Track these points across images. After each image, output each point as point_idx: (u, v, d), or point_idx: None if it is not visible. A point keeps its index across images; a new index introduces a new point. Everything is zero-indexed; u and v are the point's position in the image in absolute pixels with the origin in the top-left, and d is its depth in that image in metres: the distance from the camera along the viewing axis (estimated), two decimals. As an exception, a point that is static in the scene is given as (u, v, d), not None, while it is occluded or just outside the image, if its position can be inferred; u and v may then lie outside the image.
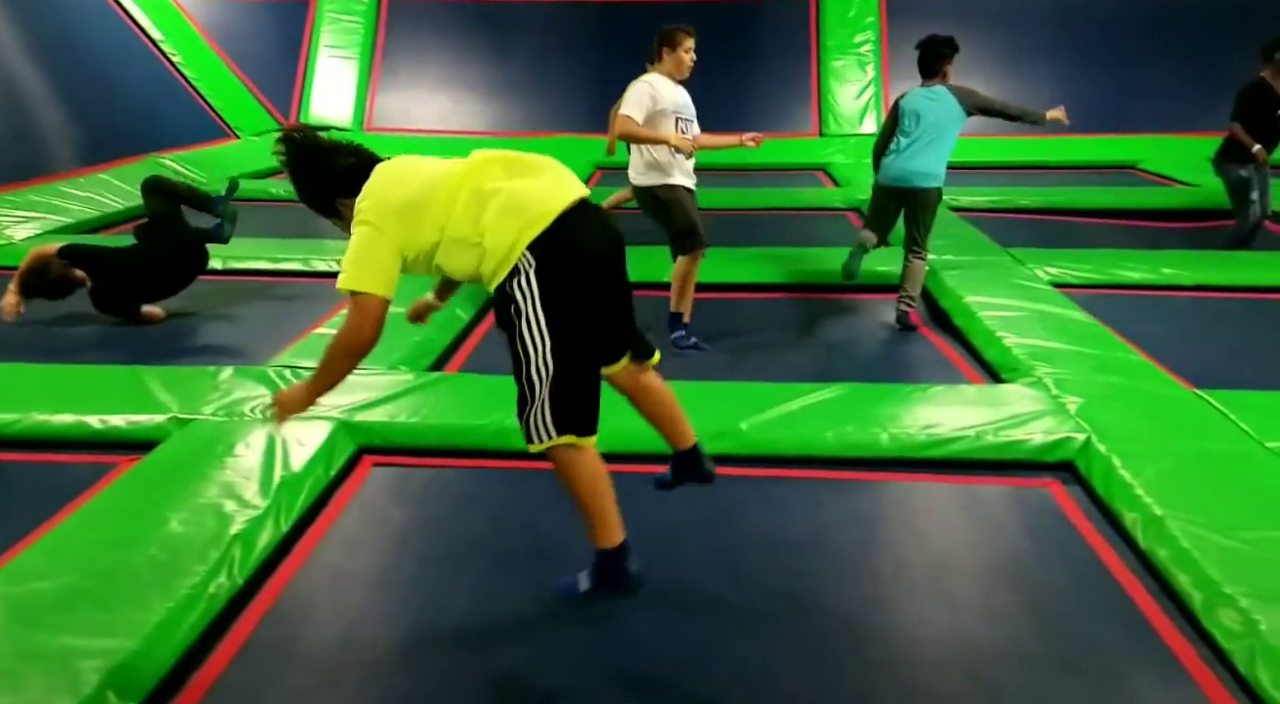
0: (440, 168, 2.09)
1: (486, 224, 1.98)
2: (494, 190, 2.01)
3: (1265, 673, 2.11)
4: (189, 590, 2.33)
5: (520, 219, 1.98)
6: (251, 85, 10.87)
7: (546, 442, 2.00)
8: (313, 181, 2.07)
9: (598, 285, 2.06)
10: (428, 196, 2.01)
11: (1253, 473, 2.91)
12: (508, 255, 1.98)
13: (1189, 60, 9.54)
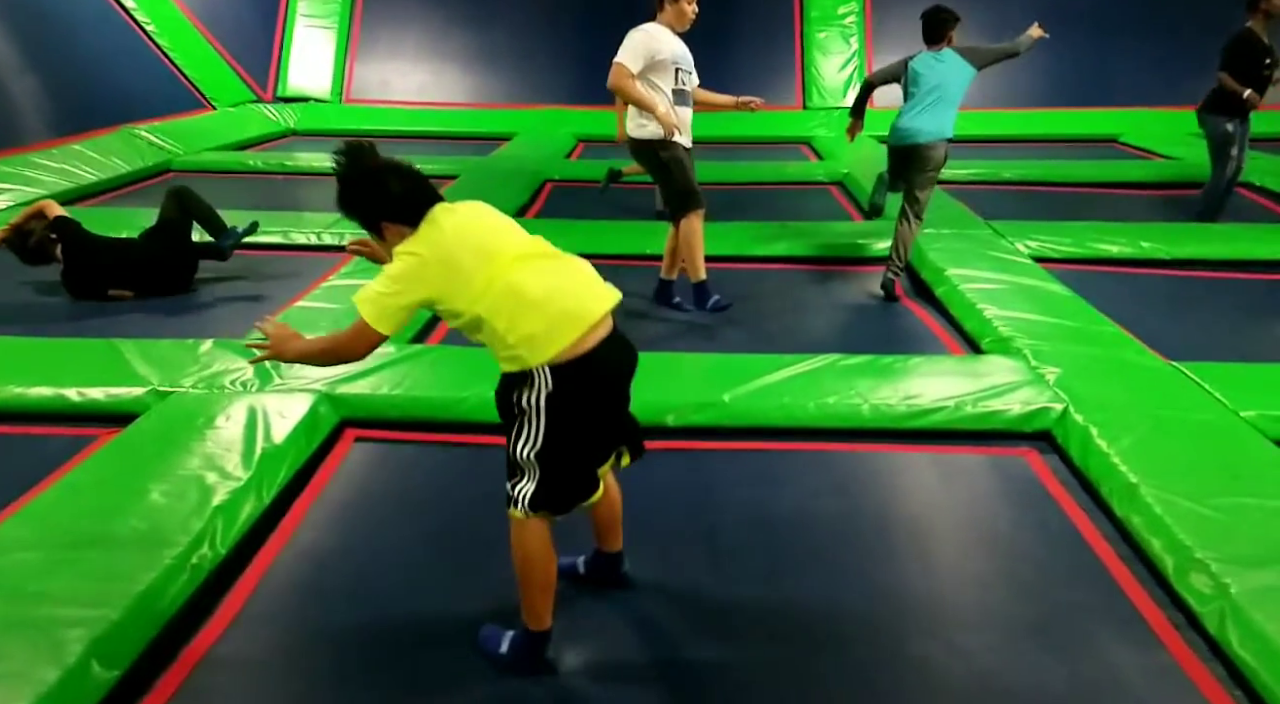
0: (494, 243, 2.01)
1: (518, 331, 1.94)
2: (533, 301, 1.95)
3: (1234, 634, 2.16)
4: (171, 561, 2.33)
5: (549, 345, 1.94)
6: (228, 56, 10.68)
7: (519, 513, 2.04)
8: (364, 199, 2.02)
9: (604, 408, 2.09)
10: (474, 271, 1.96)
11: (1226, 442, 2.96)
12: (527, 365, 1.96)
13: (1170, 35, 9.57)
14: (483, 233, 2.02)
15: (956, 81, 4.54)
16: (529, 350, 1.94)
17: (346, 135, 9.45)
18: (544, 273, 2.01)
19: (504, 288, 1.94)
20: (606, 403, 2.07)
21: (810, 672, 2.17)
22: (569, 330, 1.94)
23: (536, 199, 7.13)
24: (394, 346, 3.79)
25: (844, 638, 2.28)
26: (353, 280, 4.65)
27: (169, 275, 4.71)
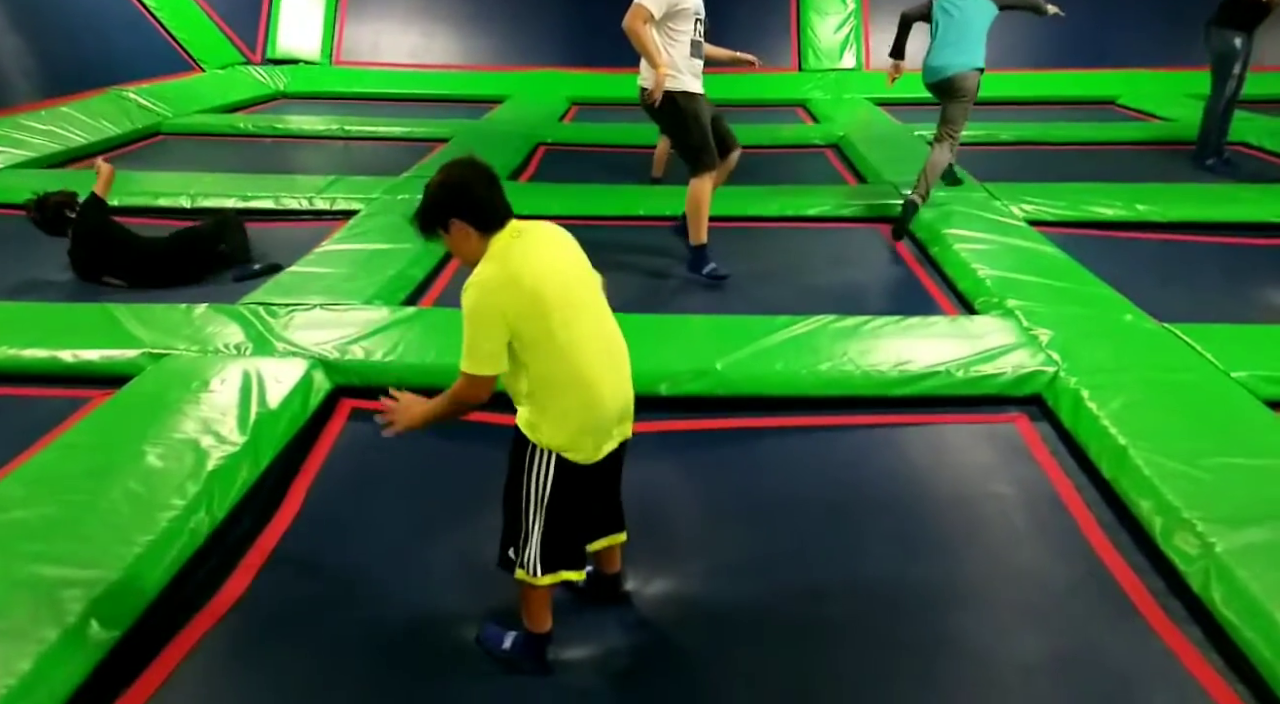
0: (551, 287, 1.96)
1: (543, 411, 1.97)
2: (565, 381, 1.95)
3: (1218, 592, 2.20)
4: (168, 524, 2.35)
5: (562, 445, 1.98)
6: (216, 17, 10.50)
7: (526, 576, 2.06)
8: (439, 195, 2.00)
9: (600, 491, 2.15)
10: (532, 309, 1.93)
11: (1216, 402, 2.98)
12: (539, 440, 1.98)
13: (1165, -3, 9.48)
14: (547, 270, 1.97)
15: (979, 18, 4.80)
16: (545, 435, 1.97)
17: (337, 97, 9.42)
18: (590, 366, 1.97)
19: (548, 357, 1.94)
20: (600, 487, 2.14)
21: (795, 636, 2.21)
22: (584, 449, 1.99)
23: (529, 162, 7.07)
24: (387, 309, 3.79)
25: (827, 614, 2.30)
26: (347, 245, 4.63)
27: (172, 278, 4.61)
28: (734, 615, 2.33)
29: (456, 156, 2.05)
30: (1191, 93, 7.96)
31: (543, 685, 2.08)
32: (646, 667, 2.16)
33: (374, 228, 4.90)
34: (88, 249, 4.44)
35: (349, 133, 7.92)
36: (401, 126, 7.95)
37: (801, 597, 2.39)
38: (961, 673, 2.13)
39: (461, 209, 1.98)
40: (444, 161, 2.05)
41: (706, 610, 2.35)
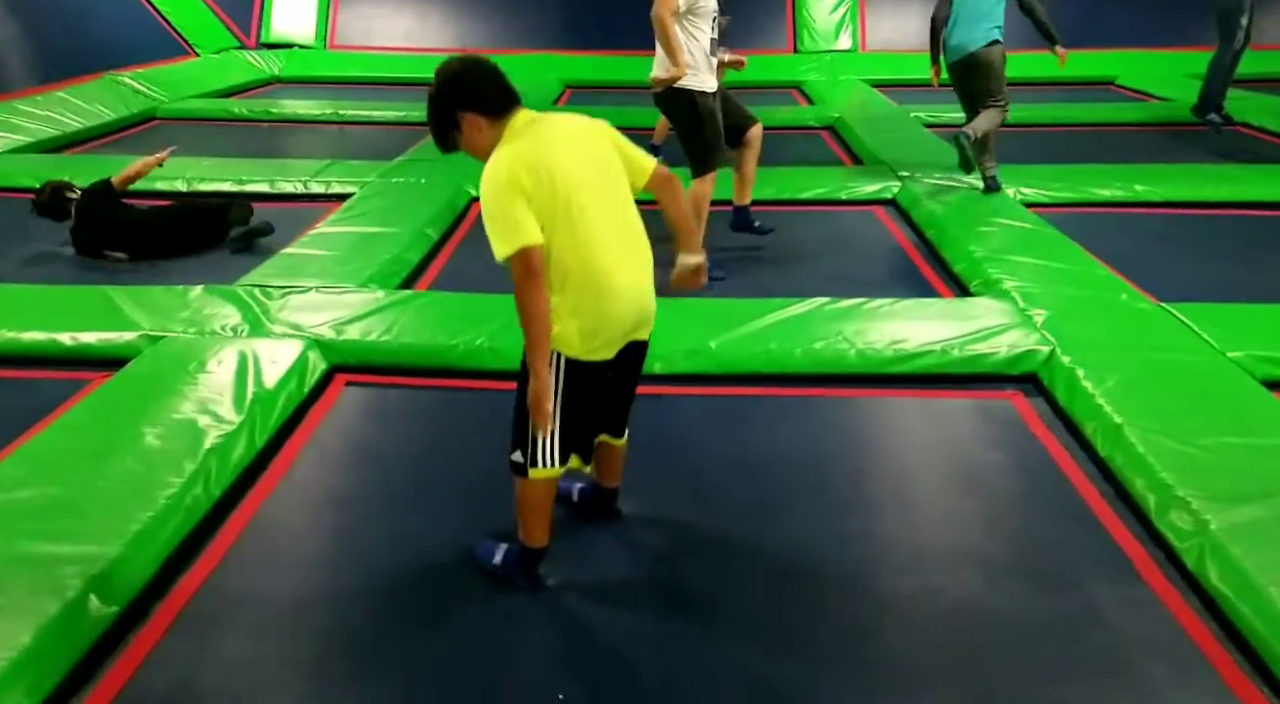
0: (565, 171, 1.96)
1: (559, 303, 1.98)
2: (579, 272, 1.97)
3: (1213, 569, 2.21)
4: (166, 501, 2.36)
5: (583, 334, 2.00)
6: (211, 2, 10.46)
7: (538, 473, 2.11)
8: (442, 93, 2.01)
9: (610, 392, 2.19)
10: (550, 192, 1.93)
11: (1211, 381, 2.99)
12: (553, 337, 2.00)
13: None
14: (561, 155, 1.95)
15: None
16: (556, 332, 1.99)
17: (331, 82, 9.40)
18: (604, 257, 1.98)
19: (562, 246, 1.94)
20: (604, 386, 2.16)
21: (793, 609, 2.21)
22: (595, 348, 2.02)
23: (526, 146, 7.05)
24: (383, 292, 3.79)
25: (828, 573, 2.33)
26: (340, 228, 4.63)
27: (174, 248, 4.63)
28: (725, 558, 2.38)
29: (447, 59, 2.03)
30: (1190, 72, 7.93)
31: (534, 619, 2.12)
32: (630, 599, 2.22)
33: (369, 210, 4.89)
34: (91, 224, 4.47)
35: (344, 117, 7.90)
36: (396, 110, 7.92)
37: (794, 546, 2.43)
38: (961, 627, 2.15)
39: (465, 99, 1.97)
40: None
41: (692, 551, 2.40)
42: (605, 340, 2.03)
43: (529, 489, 2.14)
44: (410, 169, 5.78)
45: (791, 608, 2.21)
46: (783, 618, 2.18)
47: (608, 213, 2.01)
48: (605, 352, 2.04)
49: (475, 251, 4.70)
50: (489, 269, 4.30)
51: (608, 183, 2.03)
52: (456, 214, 5.10)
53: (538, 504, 2.16)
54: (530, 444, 2.08)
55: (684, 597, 2.25)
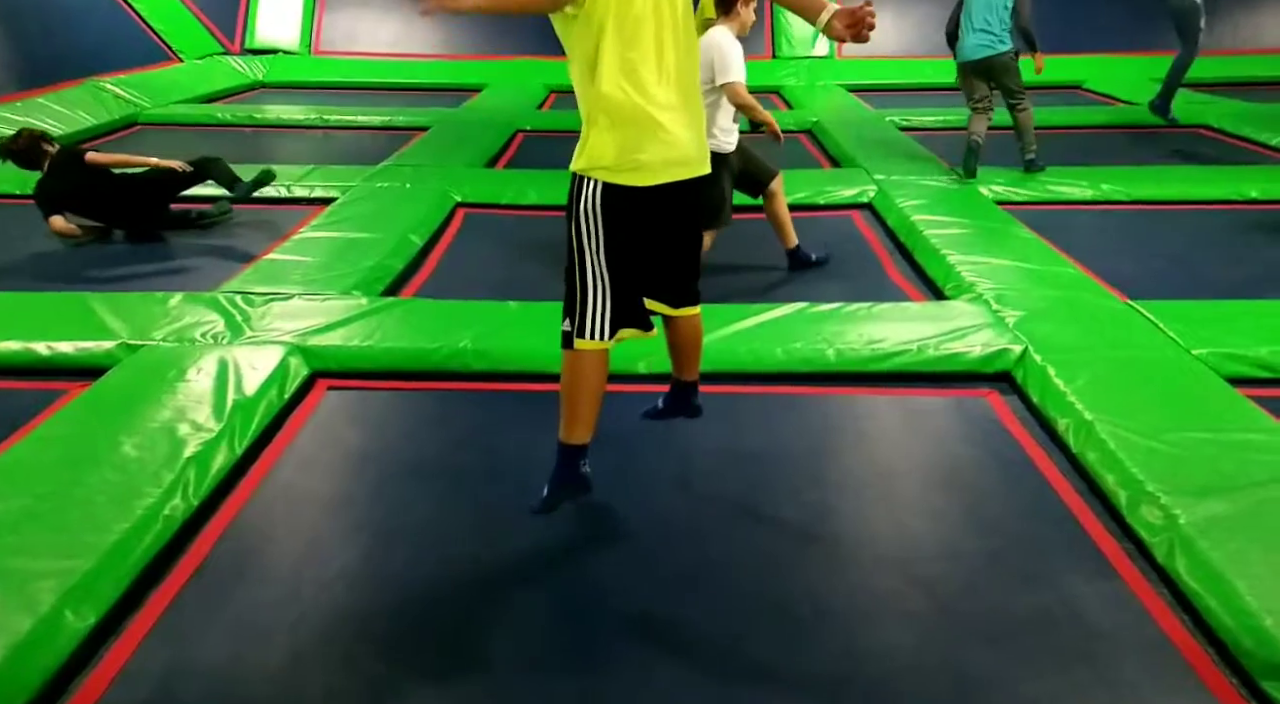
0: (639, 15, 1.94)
1: (597, 116, 1.95)
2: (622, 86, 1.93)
3: (1182, 562, 2.24)
4: (144, 512, 2.35)
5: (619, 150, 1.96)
6: (194, 8, 10.44)
7: (589, 343, 2.06)
8: None
9: (648, 234, 2.09)
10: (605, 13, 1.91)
11: (1177, 378, 3.04)
12: (586, 162, 1.97)
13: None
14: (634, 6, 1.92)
15: (999, 1, 5.45)
16: (592, 148, 1.96)
17: (316, 87, 9.41)
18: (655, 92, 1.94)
19: (609, 50, 1.92)
20: (649, 230, 2.06)
21: (774, 602, 2.24)
22: (634, 168, 1.95)
23: (508, 148, 7.07)
24: (366, 299, 3.80)
25: (808, 569, 2.35)
26: (323, 233, 4.63)
27: (144, 215, 4.67)
28: (708, 548, 2.41)
29: None
30: (1154, 77, 8.07)
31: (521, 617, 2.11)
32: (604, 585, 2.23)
33: (353, 216, 4.90)
34: (65, 177, 4.54)
35: (328, 122, 7.90)
36: (380, 115, 7.93)
37: (777, 536, 2.46)
38: (939, 622, 2.17)
39: None
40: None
41: (677, 549, 2.42)
42: (645, 161, 1.95)
43: (573, 365, 2.06)
44: (395, 174, 5.79)
45: (771, 601, 2.24)
46: (762, 610, 2.20)
47: (660, 42, 1.96)
48: (645, 175, 1.96)
49: (461, 258, 4.73)
50: (474, 277, 4.41)
51: (670, 12, 1.99)
52: (442, 220, 5.11)
53: (582, 385, 2.07)
54: (578, 310, 2.01)
55: (666, 588, 2.27)
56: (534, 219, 5.29)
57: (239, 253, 4.57)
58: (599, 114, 1.95)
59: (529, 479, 2.73)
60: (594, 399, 2.13)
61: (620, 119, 1.93)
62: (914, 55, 9.93)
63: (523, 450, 2.89)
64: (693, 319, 2.29)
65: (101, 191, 4.51)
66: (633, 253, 2.04)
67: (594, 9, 1.91)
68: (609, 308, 2.01)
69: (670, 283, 2.19)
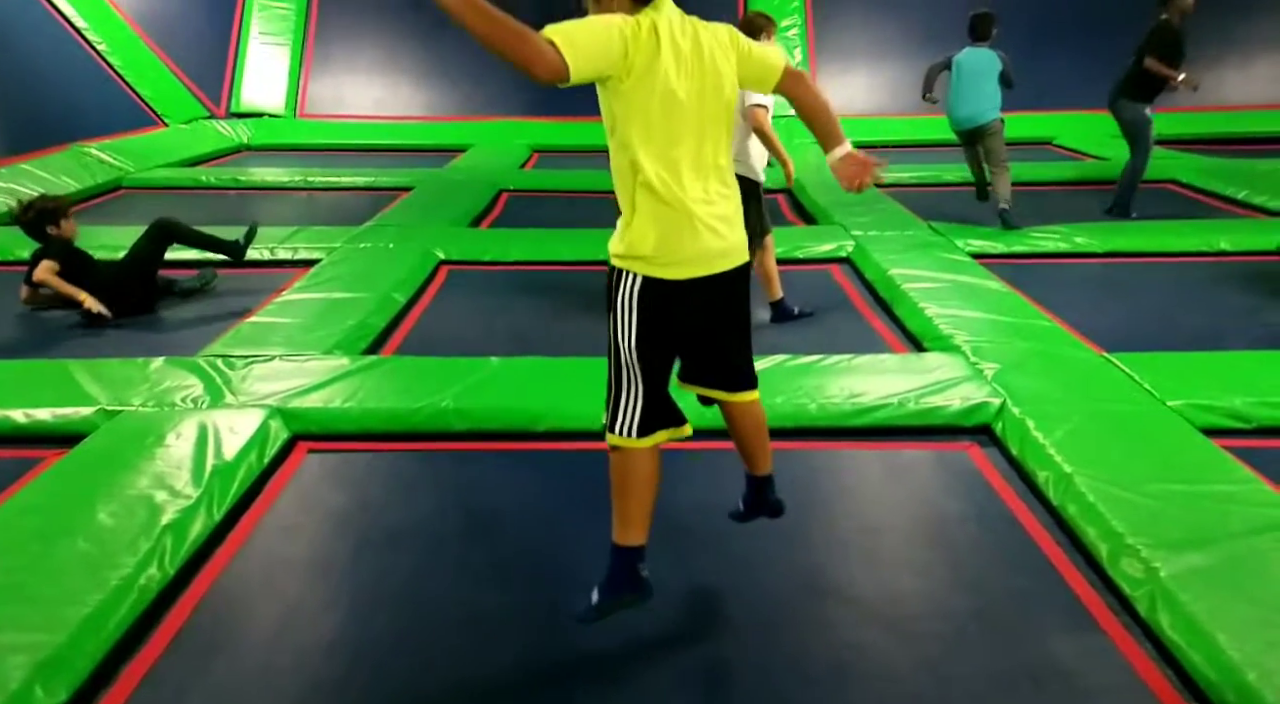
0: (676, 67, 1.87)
1: (638, 203, 1.91)
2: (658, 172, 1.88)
3: (1165, 616, 2.24)
4: (118, 582, 2.32)
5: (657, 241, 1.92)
6: (180, 73, 10.59)
7: (616, 438, 2.02)
8: None
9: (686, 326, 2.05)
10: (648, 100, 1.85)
11: (1154, 430, 3.07)
12: (624, 252, 1.95)
13: (1097, 42, 9.91)
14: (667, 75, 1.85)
15: (984, 70, 5.92)
16: (630, 237, 1.92)
17: (301, 149, 9.52)
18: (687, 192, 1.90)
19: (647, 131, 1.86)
20: (692, 322, 2.03)
21: (758, 664, 2.21)
22: (670, 260, 1.92)
23: (492, 208, 7.16)
24: (347, 359, 3.80)
25: (794, 629, 2.33)
26: (306, 294, 4.65)
27: (134, 306, 4.70)
28: (690, 605, 2.39)
29: None
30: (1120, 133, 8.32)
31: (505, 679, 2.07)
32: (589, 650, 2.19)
33: (336, 276, 4.93)
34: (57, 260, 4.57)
35: (312, 184, 7.98)
36: (365, 176, 8.02)
37: (760, 594, 2.44)
38: (926, 679, 2.15)
39: None
40: None
41: (661, 607, 2.36)
42: (684, 255, 1.91)
43: (616, 462, 2.01)
44: (378, 234, 5.84)
45: (756, 656, 2.22)
46: (748, 666, 2.18)
47: (697, 135, 1.92)
48: (684, 269, 1.91)
49: (443, 314, 4.76)
50: (456, 332, 4.43)
51: (712, 94, 1.94)
52: (425, 278, 5.15)
53: (627, 482, 2.00)
54: (612, 404, 1.97)
55: (646, 648, 2.25)
56: (517, 273, 5.34)
57: (221, 317, 4.57)
58: (637, 202, 1.92)
59: (511, 541, 2.72)
60: (641, 498, 2.06)
61: (659, 211, 1.90)
62: (888, 114, 10.18)
63: (505, 511, 2.88)
64: (753, 407, 2.22)
65: (89, 284, 4.57)
66: (673, 347, 2.01)
67: (634, 95, 1.85)
68: (640, 405, 1.97)
69: (722, 369, 2.15)
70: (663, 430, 2.02)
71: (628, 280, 1.94)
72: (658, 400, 2.01)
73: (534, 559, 2.63)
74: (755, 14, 4.43)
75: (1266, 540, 2.43)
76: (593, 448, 3.24)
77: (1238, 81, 10.37)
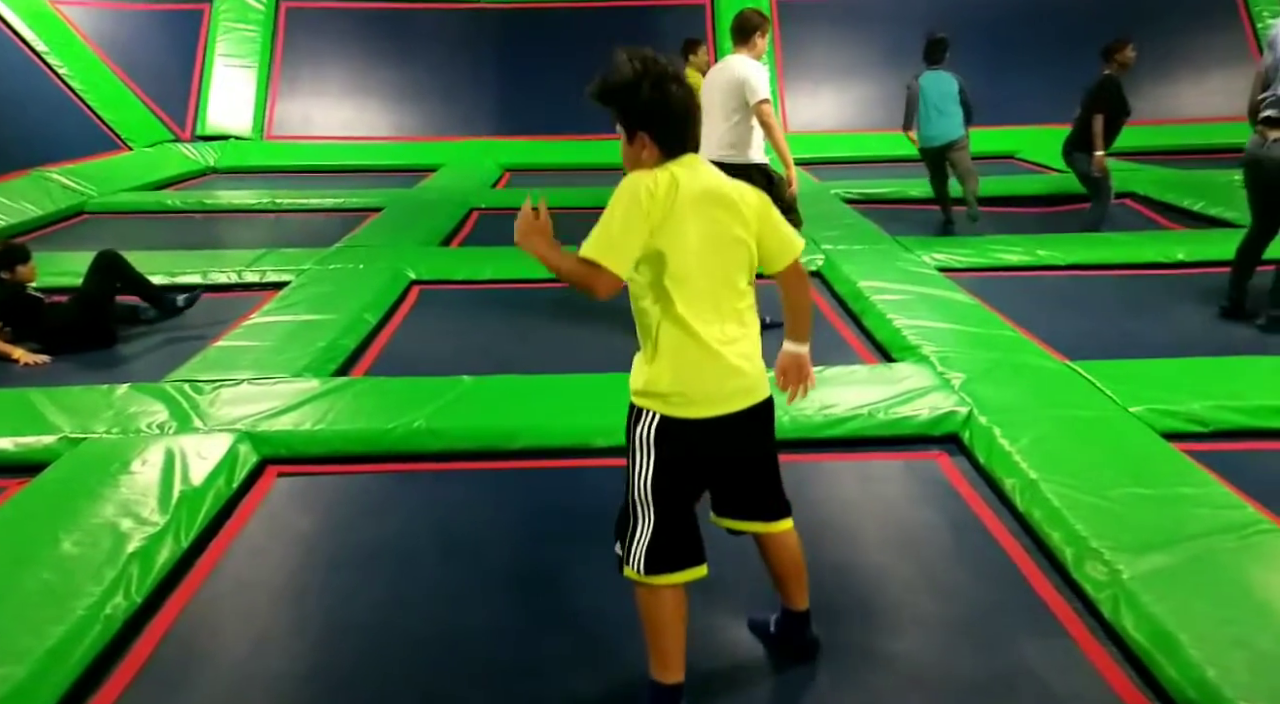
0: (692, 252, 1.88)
1: (660, 345, 1.89)
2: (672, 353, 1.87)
3: (1128, 618, 2.28)
4: (84, 612, 2.28)
5: (674, 382, 1.89)
6: (144, 96, 10.51)
7: (632, 572, 1.96)
8: (642, 99, 1.85)
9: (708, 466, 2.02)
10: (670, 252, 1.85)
11: (1116, 436, 3.13)
12: (644, 389, 1.92)
13: (1059, 58, 10.15)
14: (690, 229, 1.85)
15: (947, 92, 6.28)
16: (648, 376, 1.90)
17: (269, 171, 9.47)
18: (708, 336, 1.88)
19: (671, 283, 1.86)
20: (716, 459, 1.99)
21: (734, 662, 2.24)
22: (690, 400, 1.89)
23: (463, 226, 7.16)
24: (317, 381, 3.78)
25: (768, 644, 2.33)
26: (275, 317, 4.62)
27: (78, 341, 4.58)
28: None
29: (664, 59, 1.88)
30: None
31: None
32: (559, 673, 2.16)
33: (305, 298, 4.90)
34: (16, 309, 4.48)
35: (280, 205, 7.94)
36: (334, 197, 8.00)
37: (733, 610, 2.44)
38: (899, 688, 2.17)
39: (652, 124, 1.86)
40: (628, 60, 1.87)
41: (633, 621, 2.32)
42: (704, 395, 1.89)
43: (640, 599, 1.94)
44: (348, 255, 5.82)
45: (732, 666, 2.23)
46: (727, 674, 2.20)
47: (713, 285, 1.90)
48: (704, 408, 1.89)
49: (415, 333, 4.74)
50: (428, 351, 4.42)
51: (732, 251, 1.93)
52: (396, 298, 5.13)
53: (653, 619, 1.93)
54: (626, 537, 1.93)
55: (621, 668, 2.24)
56: (489, 291, 5.34)
57: (188, 342, 4.52)
58: (658, 341, 1.90)
59: (486, 563, 2.70)
60: (670, 634, 1.98)
61: (678, 351, 1.88)
62: (856, 130, 10.33)
63: (480, 533, 2.87)
64: (789, 537, 2.17)
65: (36, 330, 4.47)
66: (696, 484, 1.98)
67: (655, 242, 1.84)
68: (649, 541, 1.93)
69: (752, 501, 2.11)
70: (672, 573, 1.95)
71: (646, 419, 1.91)
72: (669, 539, 1.95)
73: (509, 582, 2.62)
74: (751, 11, 4.52)
75: (1224, 541, 2.49)
76: (569, 465, 3.25)
77: (1194, 95, 10.63)
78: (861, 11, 11.10)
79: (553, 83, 11.28)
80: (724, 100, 4.31)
